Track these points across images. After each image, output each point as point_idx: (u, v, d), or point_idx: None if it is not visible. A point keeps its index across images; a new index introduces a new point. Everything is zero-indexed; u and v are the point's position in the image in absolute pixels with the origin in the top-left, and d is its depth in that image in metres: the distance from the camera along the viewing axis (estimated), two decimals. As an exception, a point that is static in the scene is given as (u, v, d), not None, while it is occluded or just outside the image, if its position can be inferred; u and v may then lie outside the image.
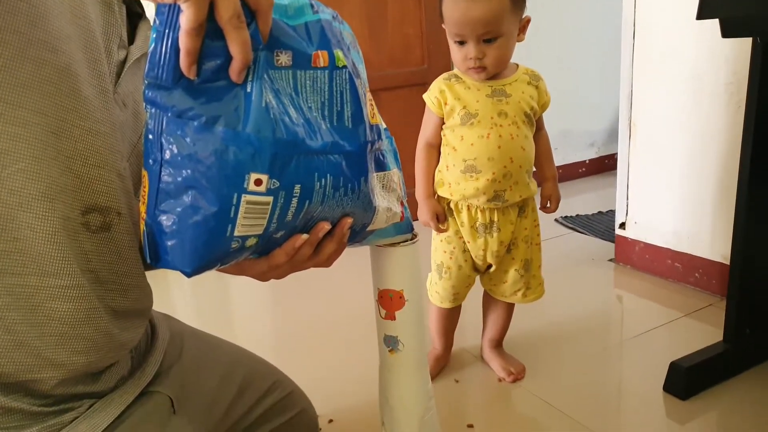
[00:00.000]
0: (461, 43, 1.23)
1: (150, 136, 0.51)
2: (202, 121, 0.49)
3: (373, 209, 0.63)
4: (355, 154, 0.58)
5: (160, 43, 0.48)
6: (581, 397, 1.37)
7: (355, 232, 0.64)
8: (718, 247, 1.81)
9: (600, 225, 2.51)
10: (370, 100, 0.62)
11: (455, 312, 1.48)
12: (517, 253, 1.37)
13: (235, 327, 1.96)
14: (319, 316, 1.90)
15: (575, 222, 2.58)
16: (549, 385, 1.42)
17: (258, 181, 0.50)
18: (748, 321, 1.39)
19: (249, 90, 0.50)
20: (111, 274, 0.60)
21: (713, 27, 1.28)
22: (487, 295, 1.48)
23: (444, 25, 1.24)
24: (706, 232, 1.84)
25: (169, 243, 0.52)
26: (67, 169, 0.54)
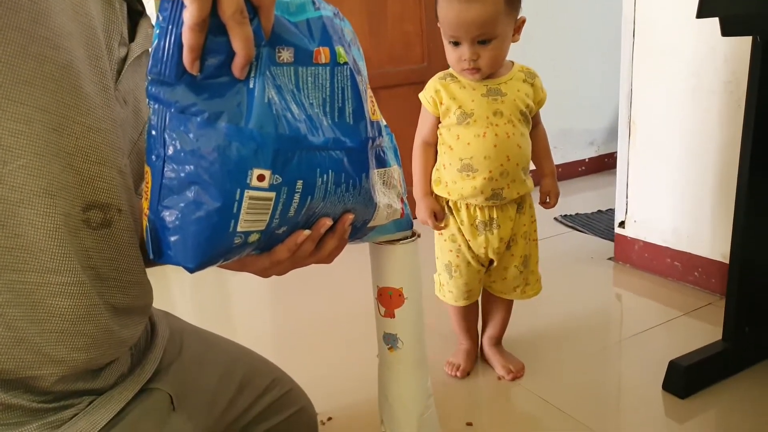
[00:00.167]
0: (456, 44, 1.23)
1: (153, 132, 0.51)
2: (205, 116, 0.49)
3: (374, 205, 0.63)
4: (357, 151, 0.58)
5: (163, 39, 0.48)
6: (580, 396, 1.37)
7: (356, 228, 0.64)
8: (718, 245, 1.81)
9: (599, 224, 2.52)
10: (370, 97, 0.62)
11: (473, 307, 1.48)
12: (516, 250, 1.37)
13: (234, 324, 1.96)
14: (319, 314, 1.90)
15: (575, 221, 2.58)
16: (548, 383, 1.43)
17: (261, 177, 0.51)
18: (748, 320, 1.39)
19: (252, 86, 0.51)
20: (111, 270, 0.60)
21: (713, 25, 1.28)
22: (486, 293, 1.49)
23: (439, 25, 1.24)
24: (705, 230, 1.84)
25: (172, 238, 0.52)
26: (68, 165, 0.54)
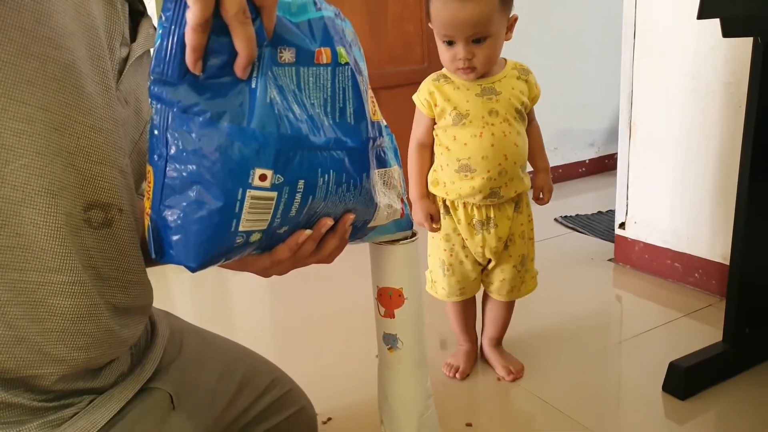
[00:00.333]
0: (450, 44, 1.23)
1: (155, 132, 0.51)
2: (207, 116, 0.49)
3: (375, 205, 0.63)
4: (357, 151, 0.58)
5: (166, 39, 0.48)
6: (580, 397, 1.37)
7: (356, 228, 0.64)
8: (718, 247, 1.81)
9: (600, 225, 2.51)
10: (371, 97, 0.62)
11: (470, 304, 1.48)
12: (514, 250, 1.37)
13: (234, 324, 1.96)
14: (319, 314, 1.90)
15: (575, 222, 2.58)
16: (548, 384, 1.43)
17: (263, 177, 0.51)
18: (748, 321, 1.39)
19: (254, 86, 0.51)
20: (112, 270, 0.60)
21: (714, 27, 1.28)
22: (487, 294, 1.49)
23: (431, 25, 1.23)
24: (705, 232, 1.84)
25: (174, 238, 0.52)
26: (69, 165, 0.54)
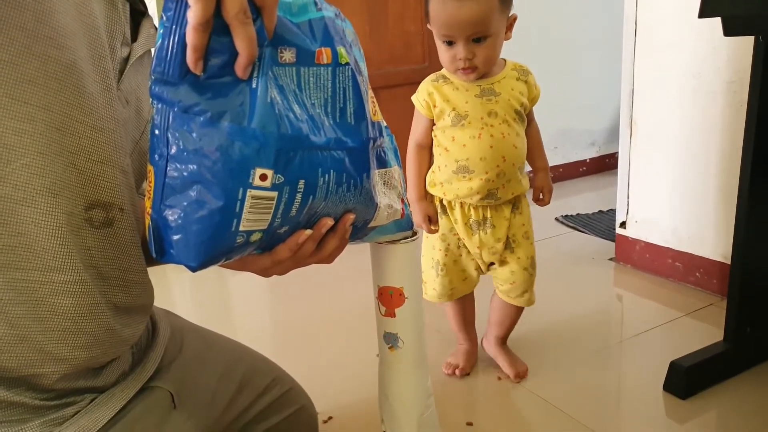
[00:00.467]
0: (449, 44, 1.22)
1: (156, 132, 0.51)
2: (207, 116, 0.50)
3: (375, 205, 0.63)
4: (358, 151, 0.58)
5: (167, 39, 0.48)
6: (581, 396, 1.37)
7: (356, 228, 0.64)
8: (719, 246, 1.81)
9: (600, 224, 2.51)
10: (371, 98, 0.63)
11: (468, 304, 1.48)
12: (521, 251, 1.37)
13: (235, 323, 1.96)
14: (319, 313, 1.90)
15: (576, 221, 2.58)
16: (548, 383, 1.43)
17: (263, 176, 0.51)
18: (749, 320, 1.39)
19: (254, 86, 0.51)
20: (113, 269, 0.60)
21: (715, 25, 1.28)
22: (496, 294, 1.47)
23: (430, 26, 1.23)
24: (707, 231, 1.84)
25: (175, 237, 0.52)
26: (70, 164, 0.55)
